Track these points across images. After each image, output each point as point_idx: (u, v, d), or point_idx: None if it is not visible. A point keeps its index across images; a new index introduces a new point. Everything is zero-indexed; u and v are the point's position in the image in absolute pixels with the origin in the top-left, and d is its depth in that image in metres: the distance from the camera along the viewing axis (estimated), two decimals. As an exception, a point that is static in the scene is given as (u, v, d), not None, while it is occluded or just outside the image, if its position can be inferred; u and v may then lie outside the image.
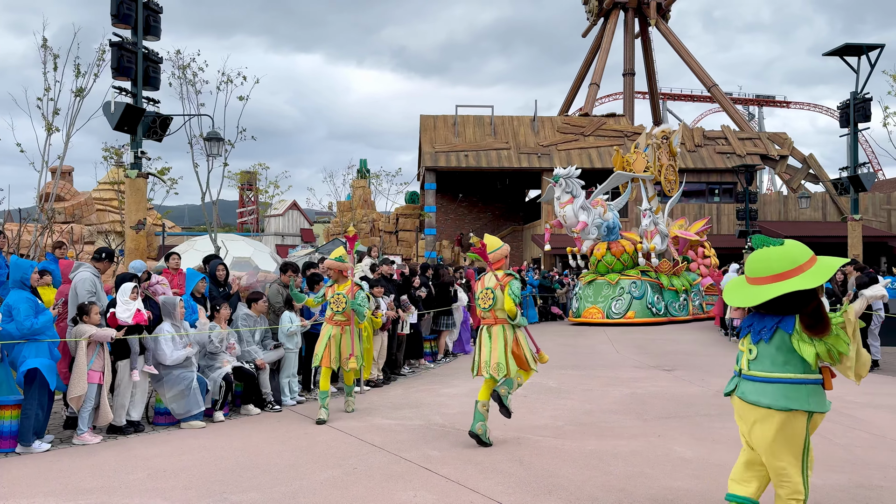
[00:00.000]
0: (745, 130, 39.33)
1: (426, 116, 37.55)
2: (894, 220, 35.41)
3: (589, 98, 41.55)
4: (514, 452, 5.89)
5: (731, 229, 34.01)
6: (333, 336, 7.34)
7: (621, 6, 42.50)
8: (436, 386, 9.41)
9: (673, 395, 8.50)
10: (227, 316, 7.89)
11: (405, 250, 36.89)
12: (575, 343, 14.49)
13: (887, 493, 4.85)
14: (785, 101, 65.68)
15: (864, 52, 19.30)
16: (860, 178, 18.79)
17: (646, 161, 20.40)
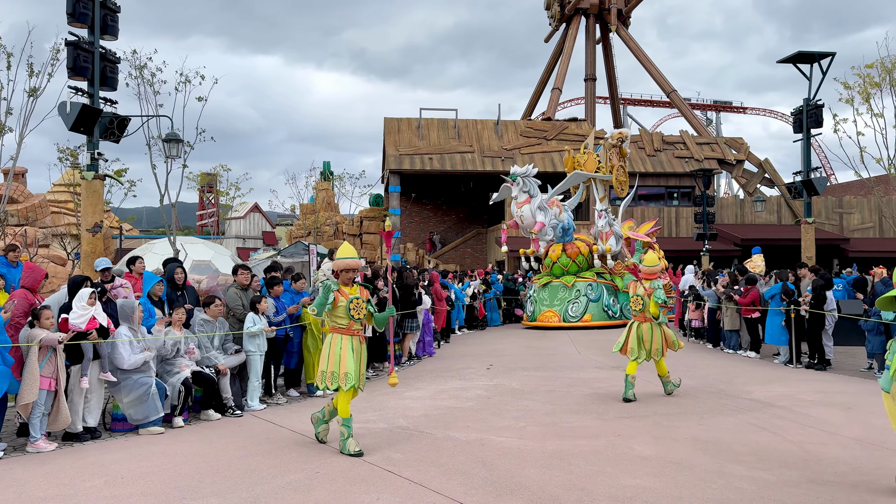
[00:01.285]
0: (702, 135, 40.17)
1: (390, 119, 37.50)
2: (846, 223, 36.56)
3: (551, 102, 41.97)
4: (478, 454, 5.92)
5: (689, 232, 34.68)
6: (355, 349, 6.08)
7: (583, 12, 43.05)
8: (400, 389, 9.39)
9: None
10: (181, 320, 7.74)
11: (369, 253, 36.74)
12: (538, 345, 14.61)
13: (838, 487, 5.00)
14: (741, 107, 67.27)
15: (817, 60, 19.89)
16: (813, 182, 19.34)
17: (597, 161, 20.24)
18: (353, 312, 6.06)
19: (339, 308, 6.07)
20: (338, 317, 6.10)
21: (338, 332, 6.12)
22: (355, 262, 6.18)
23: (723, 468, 5.46)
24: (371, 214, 38.64)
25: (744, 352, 13.13)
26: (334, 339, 6.10)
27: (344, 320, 6.09)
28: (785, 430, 6.75)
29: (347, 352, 6.01)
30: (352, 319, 6.08)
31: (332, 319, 6.12)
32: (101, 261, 8.21)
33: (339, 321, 6.10)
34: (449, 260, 37.81)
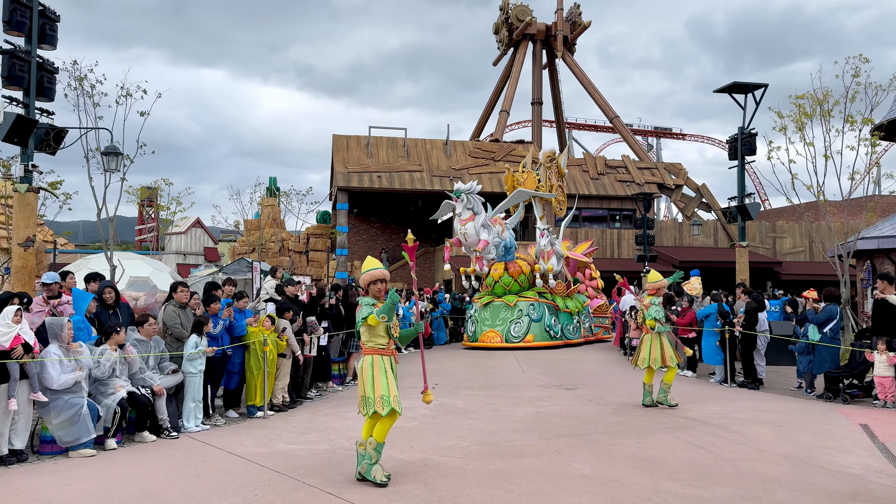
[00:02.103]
0: (643, 160, 41.36)
1: (339, 136, 37.38)
2: (779, 247, 38.09)
3: (499, 124, 42.58)
4: (420, 474, 5.91)
5: (630, 253, 35.54)
6: (388, 368, 5.74)
7: (530, 38, 43.97)
8: (343, 409, 9.30)
9: (574, 414, 8.77)
10: (120, 341, 7.50)
11: (316, 270, 36.36)
12: (484, 364, 14.69)
13: (767, 503, 5.19)
14: (681, 134, 69.62)
15: (751, 91, 20.80)
16: (747, 207, 20.11)
17: (537, 181, 20.21)
18: (393, 331, 5.72)
19: (379, 327, 5.65)
20: (378, 335, 5.68)
21: (377, 353, 5.69)
22: (382, 273, 5.85)
23: (659, 486, 5.59)
24: (318, 231, 38.29)
25: (681, 371, 13.49)
26: (375, 361, 5.66)
27: (384, 339, 5.71)
28: (718, 447, 6.96)
29: (381, 373, 5.65)
30: (391, 338, 5.75)
31: (372, 339, 5.69)
32: (49, 275, 7.94)
33: (379, 340, 5.69)
34: (396, 278, 37.71)
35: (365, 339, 5.71)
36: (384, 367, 5.68)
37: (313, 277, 32.79)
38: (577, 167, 38.83)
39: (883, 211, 34.61)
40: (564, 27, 43.92)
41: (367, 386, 5.62)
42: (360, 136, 37.54)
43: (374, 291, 5.81)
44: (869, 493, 5.41)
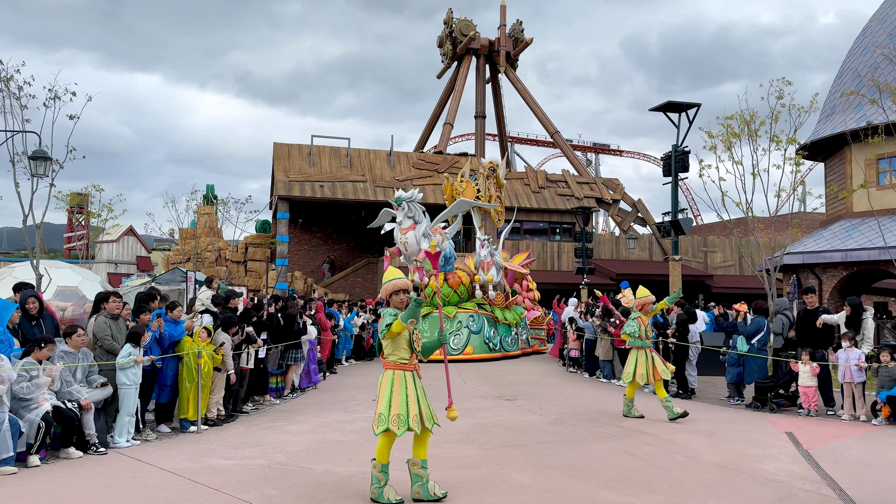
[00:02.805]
0: (583, 175, 42.29)
1: (280, 144, 36.87)
2: (710, 261, 39.46)
3: (443, 137, 42.83)
4: (359, 488, 5.85)
5: (570, 266, 36.21)
6: (410, 385, 5.46)
7: (474, 52, 44.46)
8: (281, 423, 9.13)
9: (514, 424, 8.84)
10: (47, 355, 7.15)
11: (255, 281, 35.63)
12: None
13: (697, 509, 5.34)
14: (618, 150, 71.47)
15: (684, 110, 21.56)
16: (680, 222, 20.79)
17: (476, 191, 20.07)
18: (416, 345, 5.46)
19: (400, 340, 5.42)
20: (401, 349, 5.44)
21: (399, 367, 5.43)
22: (404, 283, 5.58)
23: (595, 495, 5.69)
24: (257, 241, 37.57)
25: (617, 381, 13.78)
26: (396, 377, 5.41)
27: (407, 353, 5.46)
28: (652, 456, 7.13)
29: (401, 389, 5.38)
30: (413, 352, 5.48)
31: (394, 353, 5.44)
32: None
33: (402, 354, 5.45)
34: (339, 289, 37.33)
35: (388, 352, 5.46)
36: (405, 383, 5.41)
37: (250, 288, 32.12)
38: (518, 181, 39.38)
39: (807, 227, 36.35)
40: (507, 43, 44.62)
41: (383, 402, 5.35)
42: (301, 144, 37.13)
43: (396, 302, 5.54)
44: (794, 498, 5.64)
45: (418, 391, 5.45)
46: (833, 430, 8.76)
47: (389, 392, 5.37)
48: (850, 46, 24.24)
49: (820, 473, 6.45)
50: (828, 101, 23.72)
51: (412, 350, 5.45)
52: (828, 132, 22.41)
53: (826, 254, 21.60)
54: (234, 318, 9.61)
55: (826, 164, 24.88)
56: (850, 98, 20.36)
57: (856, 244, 20.89)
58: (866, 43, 22.61)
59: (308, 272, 39.97)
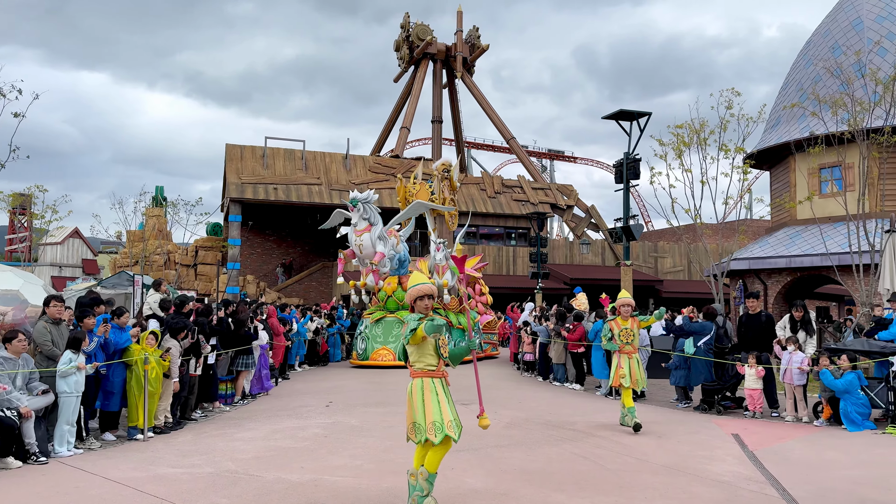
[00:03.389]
0: (538, 181, 42.75)
1: (232, 146, 36.27)
2: (660, 266, 40.32)
3: (400, 141, 42.76)
4: (310, 495, 5.77)
5: (525, 270, 36.56)
6: (440, 391, 5.26)
7: (430, 57, 44.55)
8: (230, 430, 8.95)
9: (467, 429, 8.79)
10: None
11: (205, 285, 34.93)
12: (381, 380, 14.58)
13: (646, 510, 5.43)
14: (572, 157, 72.51)
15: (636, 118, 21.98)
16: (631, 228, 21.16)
17: (429, 193, 19.70)
18: (442, 351, 5.26)
19: (426, 346, 5.22)
20: (428, 355, 5.23)
21: (427, 375, 5.22)
22: (430, 288, 5.37)
23: (547, 498, 5.73)
24: (208, 244, 36.85)
25: (570, 384, 13.95)
26: (426, 385, 5.20)
27: (434, 359, 5.25)
28: (603, 458, 7.23)
29: (432, 396, 5.17)
30: (441, 358, 5.27)
31: (421, 360, 5.24)
32: None
33: (429, 361, 5.24)
34: (293, 293, 36.87)
35: (413, 359, 5.28)
36: (435, 389, 5.21)
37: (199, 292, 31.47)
38: (475, 186, 39.58)
39: (753, 234, 37.48)
40: (464, 48, 44.84)
41: (417, 411, 5.16)
42: (255, 146, 36.61)
43: (421, 308, 5.34)
44: (739, 498, 5.78)
45: (447, 397, 5.27)
46: (777, 432, 9.02)
47: (421, 400, 5.17)
48: (795, 59, 25.10)
49: (764, 474, 6.63)
50: (773, 112, 24.51)
51: (439, 356, 5.26)
52: (773, 142, 23.15)
53: (771, 260, 22.28)
54: (182, 322, 9.38)
55: (771, 173, 25.69)
56: (794, 109, 21.09)
57: (799, 251, 21.62)
58: (809, 56, 23.45)
59: (261, 276, 39.37)
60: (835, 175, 21.46)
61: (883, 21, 22.20)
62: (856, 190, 16.88)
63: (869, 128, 15.75)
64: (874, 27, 22.02)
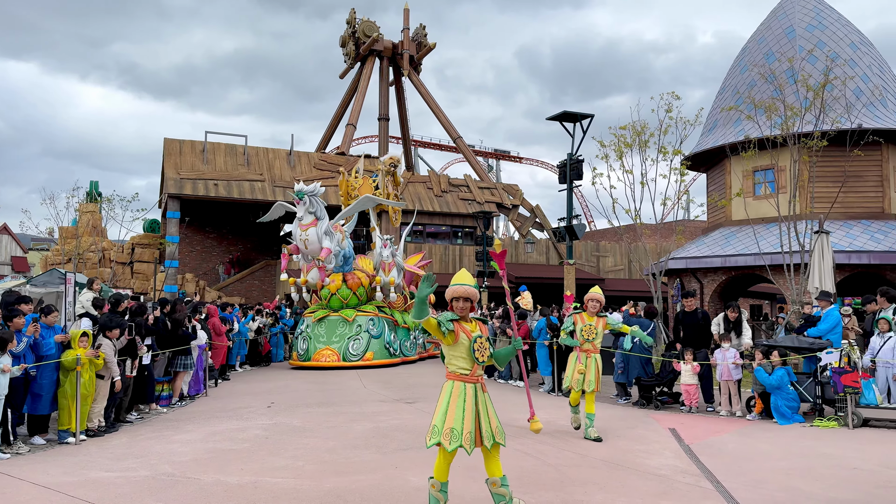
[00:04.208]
0: (484, 180, 43.05)
1: (171, 140, 35.27)
2: (602, 265, 41.16)
3: (346, 137, 42.39)
4: (250, 497, 5.65)
5: (471, 269, 36.73)
6: (470, 398, 4.93)
7: (377, 54, 44.30)
8: (167, 432, 8.70)
9: (413, 427, 8.84)
10: None
11: (142, 284, 33.87)
12: (324, 380, 14.41)
13: (586, 505, 5.52)
14: (518, 157, 73.29)
15: (579, 120, 22.36)
16: (574, 228, 21.53)
17: (373, 188, 19.14)
18: (477, 354, 4.96)
19: (459, 348, 4.95)
20: (460, 358, 4.96)
21: (460, 379, 4.95)
22: (472, 291, 5.05)
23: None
24: (145, 241, 35.75)
25: (514, 381, 14.09)
26: (455, 389, 4.93)
27: (466, 363, 4.95)
28: (545, 454, 7.32)
29: (459, 402, 4.88)
30: (476, 363, 4.98)
31: (453, 363, 4.98)
32: None
33: (460, 364, 4.96)
34: (234, 292, 36.11)
35: (447, 361, 5.05)
36: (464, 395, 4.90)
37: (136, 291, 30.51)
38: (422, 184, 39.57)
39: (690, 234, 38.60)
40: (411, 46, 44.75)
41: (438, 413, 4.92)
42: (195, 140, 35.70)
43: (457, 308, 5.06)
44: (675, 491, 5.94)
45: (479, 406, 4.92)
46: (712, 426, 9.31)
47: (446, 403, 4.92)
48: (731, 65, 25.97)
49: (699, 467, 6.83)
50: (710, 116, 25.30)
51: (474, 360, 4.95)
52: (710, 145, 23.89)
53: (707, 259, 23.00)
54: (116, 320, 9.07)
55: (708, 175, 26.52)
56: (730, 113, 21.82)
57: (734, 250, 22.38)
58: (745, 62, 24.29)
59: (200, 274, 38.44)
60: (768, 177, 22.29)
61: (813, 30, 23.19)
62: (787, 192, 17.58)
63: (800, 132, 16.42)
64: (806, 35, 22.98)
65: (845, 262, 19.68)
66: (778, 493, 5.84)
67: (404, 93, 46.58)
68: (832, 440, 8.14)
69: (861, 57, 22.69)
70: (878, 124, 20.57)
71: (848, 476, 6.45)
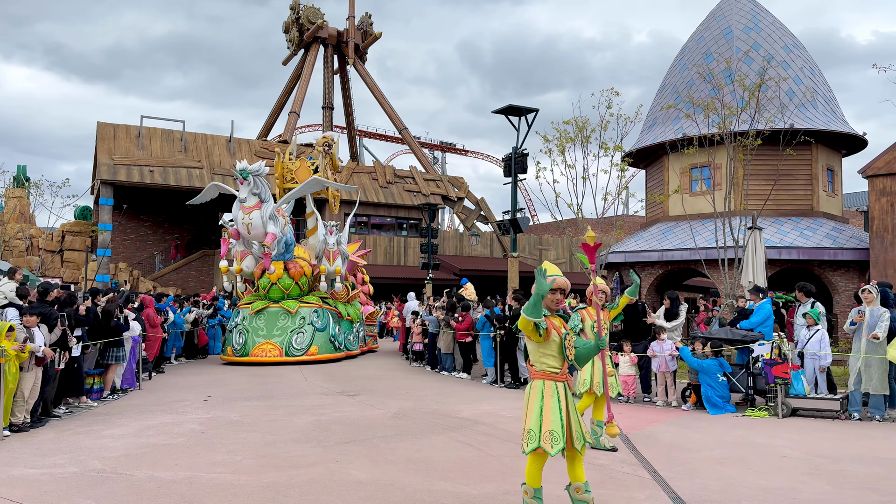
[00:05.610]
0: (429, 172, 42.97)
1: (105, 124, 33.92)
2: (544, 258, 41.60)
3: (289, 125, 41.60)
4: (185, 493, 5.47)
5: (416, 261, 36.68)
6: (563, 398, 4.66)
7: (322, 41, 43.57)
8: (98, 427, 8.35)
9: (355, 420, 8.75)
10: None
11: (72, 273, 32.53)
12: (264, 373, 14.13)
13: (528, 495, 5.55)
14: (464, 149, 73.44)
15: (524, 114, 22.53)
16: (518, 221, 21.72)
17: (311, 170, 18.15)
18: (567, 352, 4.70)
19: (550, 345, 4.65)
20: (549, 356, 4.66)
21: (550, 378, 4.66)
22: (565, 282, 4.77)
23: (432, 486, 5.74)
24: (76, 228, 34.34)
25: (457, 373, 14.12)
26: (547, 388, 4.63)
27: (557, 361, 4.67)
28: (487, 445, 7.35)
29: (553, 402, 4.60)
30: (567, 361, 4.71)
31: (543, 362, 4.68)
32: None
33: (550, 363, 4.66)
34: (170, 283, 35.06)
35: (534, 359, 4.74)
36: (557, 395, 4.64)
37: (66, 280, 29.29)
38: (366, 174, 39.22)
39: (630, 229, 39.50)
40: (356, 35, 44.21)
41: (532, 416, 4.61)
42: (130, 125, 34.43)
43: (551, 301, 4.77)
44: (614, 480, 6.03)
45: (570, 405, 4.69)
46: (649, 416, 9.53)
47: (539, 405, 4.62)
48: (671, 63, 26.60)
49: (637, 456, 6.97)
50: (650, 113, 25.87)
51: (564, 358, 4.71)
52: (649, 142, 24.45)
53: (645, 253, 23.56)
54: (49, 310, 8.65)
55: (647, 171, 27.15)
56: (669, 111, 22.34)
57: (671, 245, 22.98)
58: (685, 61, 24.92)
59: (134, 263, 37.19)
60: (704, 174, 22.96)
61: (750, 32, 23.95)
62: (723, 189, 18.13)
63: (736, 131, 16.95)
64: (742, 37, 23.72)
65: (776, 257, 20.47)
66: (712, 481, 6.00)
67: (349, 82, 46.02)
68: (763, 429, 8.44)
69: (794, 59, 23.58)
70: (809, 125, 21.44)
71: (778, 464, 6.69)
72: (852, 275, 21.18)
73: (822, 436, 8.07)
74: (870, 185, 20.14)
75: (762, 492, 5.70)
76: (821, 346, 9.93)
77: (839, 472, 6.34)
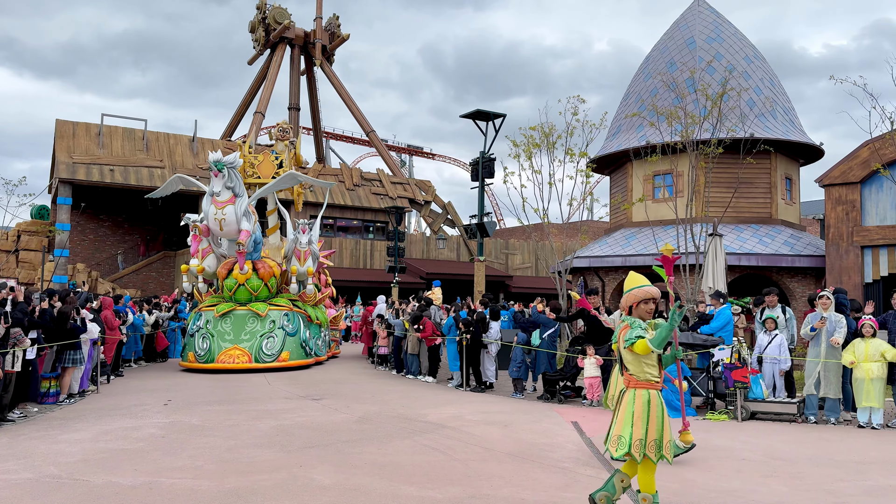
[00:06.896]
0: (397, 175, 42.91)
1: (64, 122, 33.14)
2: (510, 262, 41.93)
3: (253, 126, 41.13)
4: (144, 499, 5.36)
5: (382, 264, 36.54)
6: (664, 407, 4.76)
7: (288, 42, 43.22)
8: (54, 432, 8.14)
9: (319, 424, 8.67)
10: None
11: (28, 273, 31.65)
12: (226, 377, 13.92)
13: (493, 499, 5.57)
14: (431, 153, 73.48)
15: (491, 119, 22.69)
16: (485, 225, 21.85)
17: (275, 165, 17.36)
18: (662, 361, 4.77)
19: (652, 355, 4.71)
20: (652, 366, 4.74)
21: (652, 387, 4.73)
22: (649, 291, 4.87)
23: (397, 490, 5.72)
24: (32, 228, 33.44)
25: (423, 377, 14.10)
26: (652, 398, 4.69)
27: (657, 370, 4.76)
28: (453, 449, 7.35)
29: (658, 412, 4.69)
30: (662, 368, 4.80)
31: (646, 371, 4.73)
32: None
33: (654, 372, 4.75)
34: (130, 284, 34.35)
35: (634, 369, 4.77)
36: (660, 404, 4.73)
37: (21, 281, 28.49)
38: (333, 177, 38.97)
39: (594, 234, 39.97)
40: (323, 36, 43.97)
41: (639, 425, 4.67)
42: (90, 123, 33.71)
43: (642, 312, 4.84)
44: (577, 483, 6.09)
45: (664, 415, 4.77)
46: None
47: (646, 413, 4.69)
48: (636, 72, 27.01)
49: (600, 459, 7.04)
50: (615, 121, 26.22)
51: (659, 367, 4.79)
52: (614, 149, 24.76)
53: (609, 258, 23.84)
54: None
55: (611, 178, 27.50)
56: (633, 119, 22.68)
57: (634, 250, 23.30)
58: (649, 70, 25.32)
59: (93, 264, 36.36)
60: (667, 182, 23.34)
61: (713, 42, 24.45)
62: (685, 196, 18.46)
63: (698, 139, 17.28)
64: (705, 47, 24.20)
65: (736, 263, 20.89)
66: (673, 484, 6.10)
67: (316, 83, 45.73)
68: (723, 432, 8.60)
69: (755, 70, 24.14)
70: (768, 134, 21.95)
71: (737, 466, 6.83)
72: (809, 281, 21.74)
73: (780, 438, 8.26)
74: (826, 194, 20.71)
75: (721, 494, 5.81)
76: (780, 350, 10.17)
77: (796, 474, 6.50)
